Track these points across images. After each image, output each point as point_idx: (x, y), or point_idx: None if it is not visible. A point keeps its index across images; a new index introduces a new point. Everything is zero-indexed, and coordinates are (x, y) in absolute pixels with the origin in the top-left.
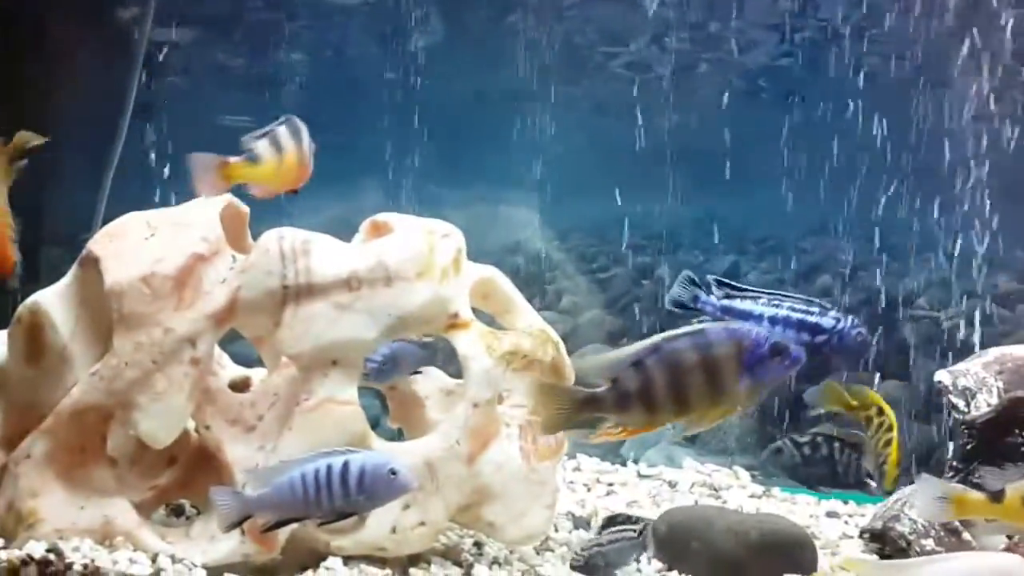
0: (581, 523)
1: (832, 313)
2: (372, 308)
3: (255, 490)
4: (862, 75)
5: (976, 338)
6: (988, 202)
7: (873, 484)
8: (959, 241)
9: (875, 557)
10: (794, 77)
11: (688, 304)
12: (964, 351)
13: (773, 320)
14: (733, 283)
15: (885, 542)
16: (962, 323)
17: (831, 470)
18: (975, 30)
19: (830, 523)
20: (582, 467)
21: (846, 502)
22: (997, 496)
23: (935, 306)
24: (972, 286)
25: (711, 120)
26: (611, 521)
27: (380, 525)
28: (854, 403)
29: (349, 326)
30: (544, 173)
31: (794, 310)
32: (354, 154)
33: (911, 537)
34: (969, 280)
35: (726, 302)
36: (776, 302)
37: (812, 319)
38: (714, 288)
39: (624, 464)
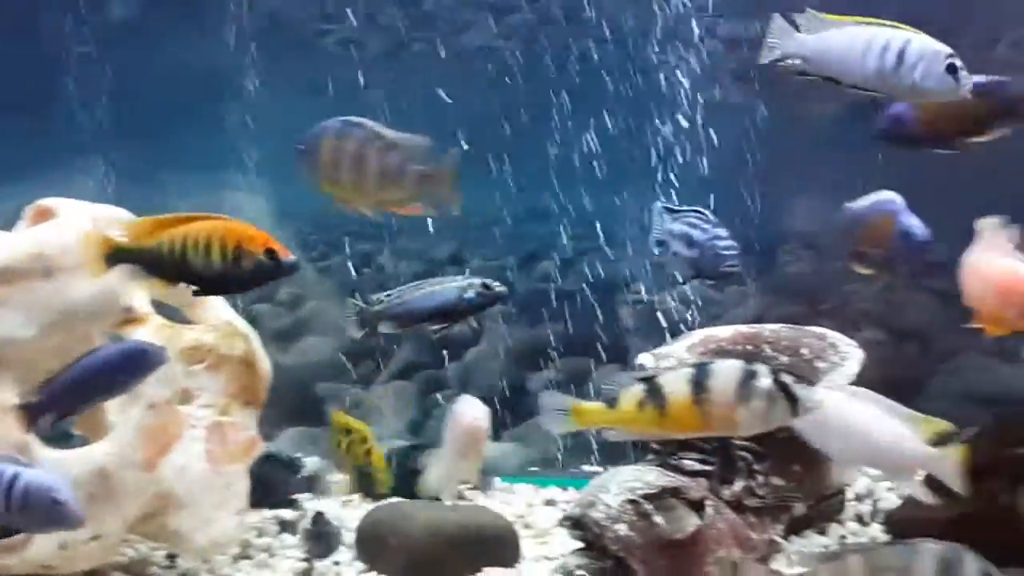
0: (288, 527)
1: (705, 226)
2: (30, 303)
3: None
4: (577, 59)
5: (690, 321)
6: (701, 189)
7: None
8: None
9: (580, 544)
10: (510, 59)
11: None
12: (677, 334)
13: (677, 236)
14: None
15: (583, 528)
16: (674, 307)
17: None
18: (693, 21)
19: (546, 511)
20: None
21: (565, 488)
22: (612, 403)
23: (651, 291)
24: None
25: (428, 102)
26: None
27: (48, 541)
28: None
29: (3, 324)
30: (258, 156)
31: (688, 224)
32: (46, 139)
33: (604, 523)
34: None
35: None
36: (684, 217)
37: (689, 231)
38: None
39: None
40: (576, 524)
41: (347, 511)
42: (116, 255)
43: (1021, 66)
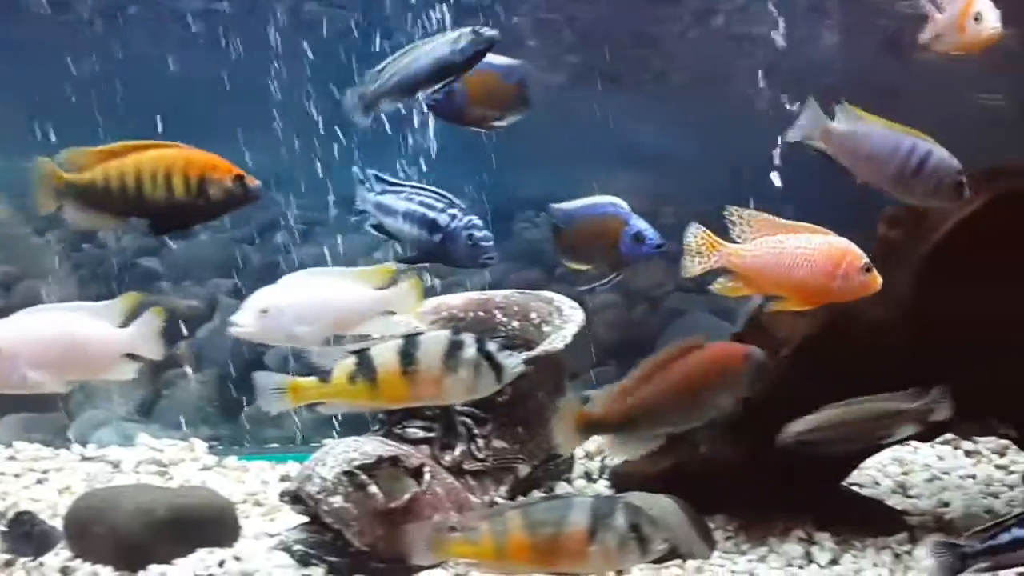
0: None
1: (451, 210)
2: None
3: None
4: (304, 24)
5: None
6: (442, 156)
7: None
8: None
9: (303, 519)
10: (230, 23)
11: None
12: None
13: (407, 216)
14: (388, 177)
15: (301, 503)
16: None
17: None
18: None
19: (280, 488)
20: (19, 455)
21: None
22: (325, 377)
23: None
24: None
25: (145, 66)
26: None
27: None
28: None
29: None
30: None
31: (423, 203)
32: None
33: (319, 496)
34: None
35: (380, 198)
36: (415, 196)
37: (431, 215)
38: (374, 184)
39: (69, 447)
40: (295, 499)
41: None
42: (64, 190)
43: (736, 36)
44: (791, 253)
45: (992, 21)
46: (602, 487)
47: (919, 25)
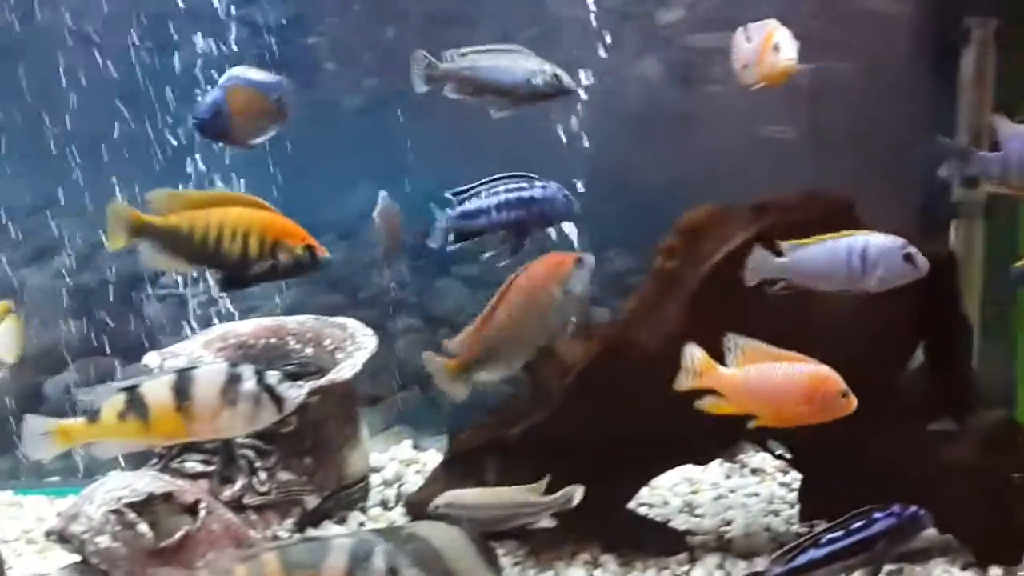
0: None
1: (538, 182)
2: None
3: None
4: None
5: (225, 314)
6: (234, 175)
7: None
8: None
9: (76, 557)
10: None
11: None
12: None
13: (500, 207)
14: (463, 189)
15: (68, 542)
16: (207, 299)
17: None
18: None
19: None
20: None
21: None
22: (94, 416)
23: (183, 283)
24: None
25: None
26: None
27: None
28: None
29: None
30: None
31: (509, 190)
32: None
33: (85, 536)
34: None
35: (459, 209)
36: (494, 188)
37: (527, 193)
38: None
39: None
40: (61, 538)
41: None
42: (141, 229)
43: None
44: (778, 379)
45: (788, 52)
46: (398, 515)
47: (711, 57)
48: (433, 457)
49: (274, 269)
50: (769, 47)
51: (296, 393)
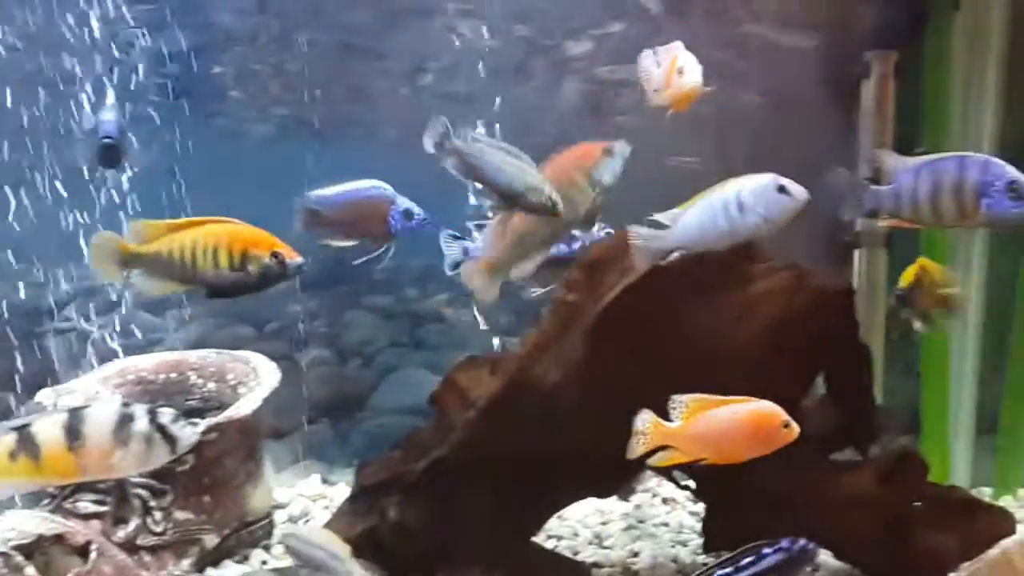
0: None
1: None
2: None
3: None
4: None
5: (125, 349)
6: (123, 203)
7: None
8: None
9: None
10: None
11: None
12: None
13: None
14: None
15: None
16: (108, 334)
17: None
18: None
19: None
20: None
21: None
22: None
23: (85, 317)
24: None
25: None
26: None
27: None
28: None
29: None
30: None
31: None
32: None
33: None
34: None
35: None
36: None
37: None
38: (476, 233)
39: None
40: None
41: None
42: (129, 259)
43: (447, 94)
44: (723, 423)
45: (692, 75)
46: None
47: (617, 90)
48: (342, 491)
49: (248, 279)
50: (674, 70)
51: (191, 432)
